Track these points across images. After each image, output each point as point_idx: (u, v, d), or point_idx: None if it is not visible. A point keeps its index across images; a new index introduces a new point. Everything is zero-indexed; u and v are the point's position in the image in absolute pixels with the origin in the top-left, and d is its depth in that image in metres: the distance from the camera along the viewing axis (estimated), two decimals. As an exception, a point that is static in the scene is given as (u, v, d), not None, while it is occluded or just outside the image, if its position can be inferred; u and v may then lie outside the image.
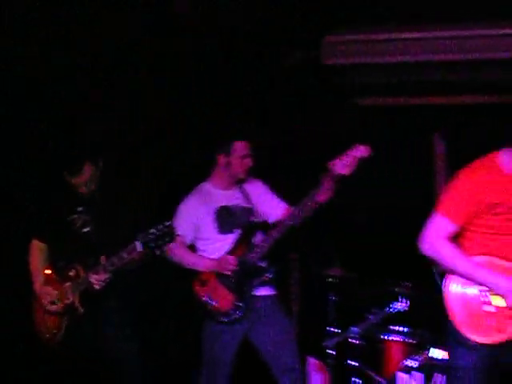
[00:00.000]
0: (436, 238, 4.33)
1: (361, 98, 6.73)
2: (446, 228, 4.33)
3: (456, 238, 4.38)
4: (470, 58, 5.93)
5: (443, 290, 4.38)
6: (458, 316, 4.31)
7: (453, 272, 4.34)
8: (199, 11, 6.05)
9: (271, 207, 5.66)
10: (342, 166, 5.17)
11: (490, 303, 4.25)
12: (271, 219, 5.61)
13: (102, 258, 4.85)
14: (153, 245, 4.67)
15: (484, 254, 4.30)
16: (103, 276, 4.84)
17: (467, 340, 4.23)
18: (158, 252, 4.73)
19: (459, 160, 5.86)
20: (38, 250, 5.24)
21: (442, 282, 4.44)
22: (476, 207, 4.28)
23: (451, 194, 4.39)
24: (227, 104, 6.74)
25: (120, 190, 5.35)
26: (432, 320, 5.75)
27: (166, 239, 4.69)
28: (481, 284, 4.27)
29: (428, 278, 5.73)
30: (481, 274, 4.26)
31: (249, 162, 5.52)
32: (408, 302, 5.82)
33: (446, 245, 4.31)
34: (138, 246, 4.68)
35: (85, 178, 5.06)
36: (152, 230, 4.67)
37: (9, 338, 6.09)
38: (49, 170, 5.70)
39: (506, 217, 4.26)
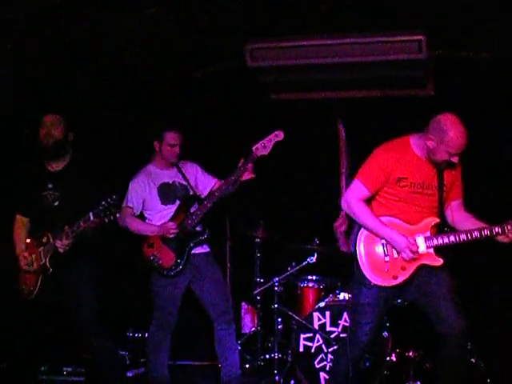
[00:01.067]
0: (353, 198, 4.86)
1: (277, 94, 7.01)
2: (362, 192, 4.85)
3: (369, 201, 4.91)
4: (363, 59, 6.19)
5: (356, 241, 4.90)
6: (364, 262, 4.86)
7: (364, 227, 4.87)
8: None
9: (205, 184, 6.17)
10: (262, 147, 5.83)
11: (388, 255, 4.82)
12: (205, 194, 6.10)
13: (66, 227, 5.26)
14: (102, 214, 5.11)
15: (389, 216, 4.86)
16: (66, 241, 5.26)
17: (369, 281, 4.83)
18: (107, 220, 5.15)
19: (356, 142, 6.78)
20: (20, 223, 5.70)
21: (353, 238, 4.96)
22: (386, 178, 4.80)
23: (368, 166, 4.87)
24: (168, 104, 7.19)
25: (82, 170, 5.58)
26: (337, 269, 6.51)
27: (113, 210, 5.12)
28: (384, 239, 4.81)
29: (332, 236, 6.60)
30: (384, 231, 4.78)
31: (177, 150, 6.00)
32: (317, 256, 6.47)
33: (360, 205, 4.84)
34: (91, 215, 5.13)
35: (50, 120, 5.49)
36: (102, 203, 5.10)
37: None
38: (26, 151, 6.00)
39: (409, 189, 4.79)
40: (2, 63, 6.21)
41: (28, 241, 5.64)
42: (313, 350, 6.09)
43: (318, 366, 6.06)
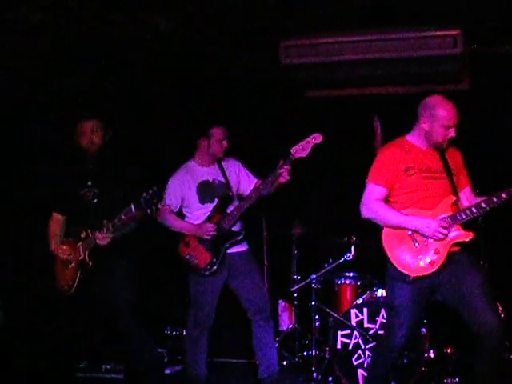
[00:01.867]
0: (370, 200, 4.93)
1: (312, 91, 7.06)
2: (377, 191, 4.91)
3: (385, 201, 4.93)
4: (398, 55, 6.24)
5: (382, 238, 4.92)
6: (397, 259, 4.85)
7: (388, 225, 4.88)
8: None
9: (247, 183, 6.16)
10: (301, 150, 5.77)
11: (418, 242, 4.80)
12: (246, 193, 6.11)
13: (106, 220, 5.29)
14: (144, 206, 5.07)
15: (407, 208, 4.87)
16: (107, 235, 5.30)
17: (408, 276, 4.79)
18: (148, 211, 5.12)
19: (392, 139, 6.77)
20: (56, 221, 5.71)
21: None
22: (394, 171, 4.87)
23: (375, 166, 4.98)
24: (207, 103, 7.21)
25: (121, 167, 5.66)
26: (375, 265, 6.29)
27: (155, 200, 5.08)
28: (411, 229, 4.80)
29: (370, 232, 6.67)
30: (410, 221, 4.80)
31: (225, 144, 6.03)
32: (354, 252, 6.49)
33: (379, 204, 4.90)
34: (133, 207, 5.11)
35: (90, 128, 5.52)
36: (143, 195, 5.06)
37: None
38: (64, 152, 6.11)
39: (419, 175, 4.84)
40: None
41: (65, 239, 5.67)
42: (350, 347, 6.09)
43: (355, 363, 6.06)
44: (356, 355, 6.08)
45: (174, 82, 7.07)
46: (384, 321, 5.97)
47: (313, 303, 6.49)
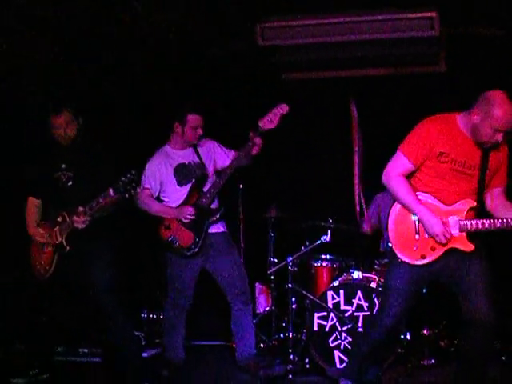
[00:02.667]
0: (393, 171, 4.75)
1: (289, 73, 7.09)
2: (404, 164, 4.73)
3: (408, 177, 4.78)
4: (375, 37, 6.27)
5: (389, 214, 4.82)
6: (394, 237, 4.78)
7: (400, 202, 4.76)
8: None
9: (224, 158, 6.12)
10: (268, 122, 5.78)
11: (419, 233, 4.72)
12: (224, 166, 6.06)
13: (80, 207, 5.22)
14: (122, 190, 5.06)
15: (426, 193, 4.74)
16: (85, 218, 5.23)
17: (397, 257, 4.76)
18: (127, 195, 5.11)
19: (368, 121, 6.75)
20: (32, 205, 5.65)
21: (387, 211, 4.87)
22: (428, 150, 4.65)
23: (412, 138, 4.73)
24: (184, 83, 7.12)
25: (96, 150, 5.58)
26: (351, 248, 6.53)
27: (133, 184, 5.07)
28: (418, 217, 4.69)
29: (347, 215, 6.60)
30: (420, 210, 4.66)
31: (200, 131, 6.02)
32: (330, 235, 6.40)
33: (400, 180, 4.73)
34: (111, 191, 5.09)
35: (62, 122, 5.42)
36: (121, 178, 5.05)
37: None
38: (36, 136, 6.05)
39: (449, 166, 4.65)
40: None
41: (42, 222, 5.62)
42: (327, 329, 6.08)
43: (332, 345, 6.05)
44: (333, 337, 6.06)
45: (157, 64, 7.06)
46: (360, 303, 6.03)
47: (289, 285, 6.43)
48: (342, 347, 6.02)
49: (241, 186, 6.90)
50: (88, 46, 6.32)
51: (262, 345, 6.73)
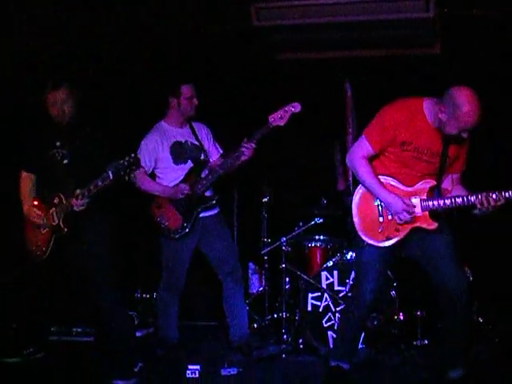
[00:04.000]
0: (356, 155, 4.85)
1: (283, 54, 7.08)
2: (366, 149, 4.82)
3: (371, 159, 4.87)
4: (370, 18, 6.25)
5: (355, 195, 4.93)
6: (358, 221, 4.89)
7: (363, 185, 4.87)
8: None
9: (212, 153, 6.21)
10: (279, 118, 5.75)
11: (383, 215, 4.83)
12: (211, 159, 6.16)
13: (77, 190, 5.08)
14: (122, 173, 4.96)
15: (387, 175, 4.84)
16: (82, 201, 5.10)
17: (362, 240, 4.87)
18: (126, 178, 5.00)
19: (362, 102, 6.73)
20: (27, 180, 5.48)
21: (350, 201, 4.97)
22: (392, 138, 4.73)
23: (376, 125, 4.81)
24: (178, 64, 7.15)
25: (96, 136, 5.44)
26: (345, 228, 6.22)
27: (133, 167, 4.98)
28: (380, 199, 4.82)
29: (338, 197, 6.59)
30: (382, 192, 4.77)
31: (195, 101, 6.00)
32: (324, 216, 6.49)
33: (362, 162, 4.82)
34: (110, 174, 4.96)
35: (60, 98, 5.29)
36: (121, 161, 4.95)
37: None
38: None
39: (411, 154, 4.74)
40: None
41: (35, 202, 5.46)
42: (321, 309, 6.11)
43: (325, 325, 6.06)
44: (326, 317, 6.08)
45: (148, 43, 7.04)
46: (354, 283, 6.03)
47: (283, 266, 6.47)
48: (335, 327, 6.01)
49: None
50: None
51: (255, 325, 6.76)
